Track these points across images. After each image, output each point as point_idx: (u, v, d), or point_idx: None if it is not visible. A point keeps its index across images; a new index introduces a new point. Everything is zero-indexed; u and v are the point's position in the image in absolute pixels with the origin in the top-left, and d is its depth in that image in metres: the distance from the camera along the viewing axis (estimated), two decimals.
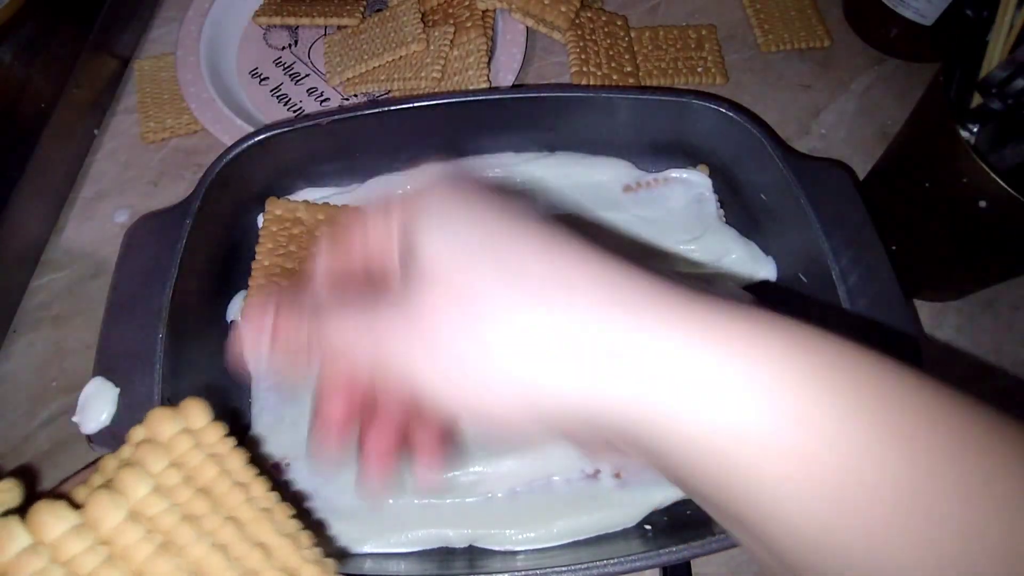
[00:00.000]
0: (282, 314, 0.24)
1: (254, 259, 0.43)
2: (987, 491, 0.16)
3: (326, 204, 0.45)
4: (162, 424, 0.24)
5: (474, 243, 0.22)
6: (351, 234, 0.26)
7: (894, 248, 0.44)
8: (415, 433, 0.26)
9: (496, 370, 0.21)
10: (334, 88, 0.57)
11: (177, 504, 0.22)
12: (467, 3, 0.57)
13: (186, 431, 0.24)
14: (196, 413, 0.24)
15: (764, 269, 0.45)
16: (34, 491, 0.23)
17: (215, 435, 0.24)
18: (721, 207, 0.47)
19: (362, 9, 0.59)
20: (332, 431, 0.24)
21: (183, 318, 0.38)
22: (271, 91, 0.57)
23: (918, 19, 0.54)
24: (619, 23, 0.59)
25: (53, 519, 0.20)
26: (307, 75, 0.58)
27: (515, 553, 0.38)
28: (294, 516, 0.24)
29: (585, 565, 0.33)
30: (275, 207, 0.44)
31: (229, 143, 0.43)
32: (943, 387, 0.18)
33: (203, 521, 0.22)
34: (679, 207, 0.46)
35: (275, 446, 0.40)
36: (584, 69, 0.54)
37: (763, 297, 0.44)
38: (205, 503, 0.22)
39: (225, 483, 0.23)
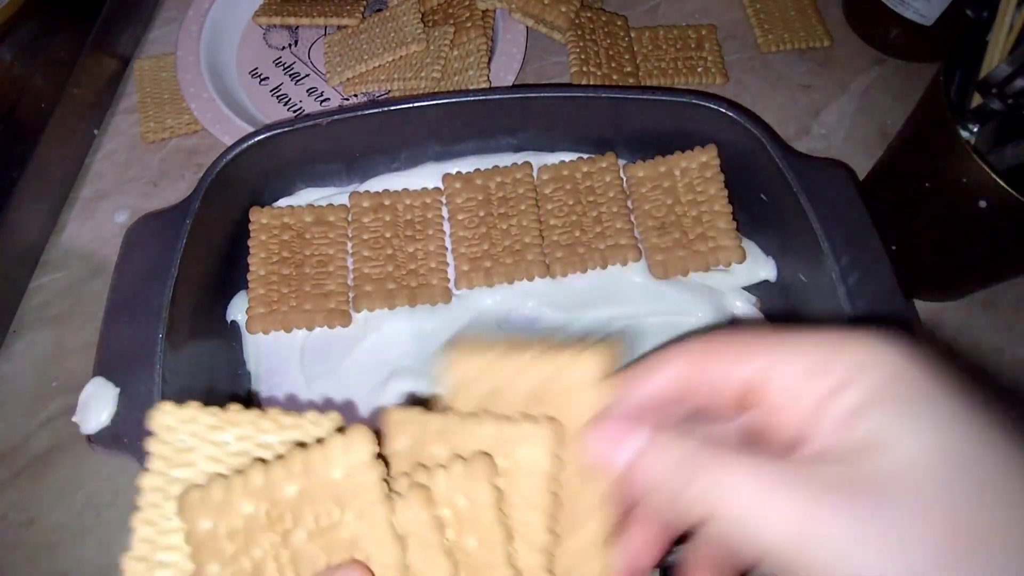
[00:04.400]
0: (659, 443, 0.21)
1: (249, 271, 0.42)
2: None
3: (311, 206, 0.45)
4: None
5: (970, 462, 0.18)
6: (732, 361, 0.21)
7: (894, 248, 0.44)
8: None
9: None
10: (334, 88, 0.57)
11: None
12: (467, 3, 0.57)
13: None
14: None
15: (764, 269, 0.44)
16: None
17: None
18: None
19: (362, 9, 0.59)
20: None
21: (183, 318, 0.38)
22: (271, 91, 0.57)
23: (918, 19, 0.54)
24: (619, 23, 0.59)
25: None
26: (307, 75, 0.58)
27: None
28: None
29: None
30: (260, 216, 0.43)
31: (229, 143, 0.43)
32: None
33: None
34: None
35: None
36: (584, 69, 0.54)
37: (763, 297, 0.45)
38: None
39: None
